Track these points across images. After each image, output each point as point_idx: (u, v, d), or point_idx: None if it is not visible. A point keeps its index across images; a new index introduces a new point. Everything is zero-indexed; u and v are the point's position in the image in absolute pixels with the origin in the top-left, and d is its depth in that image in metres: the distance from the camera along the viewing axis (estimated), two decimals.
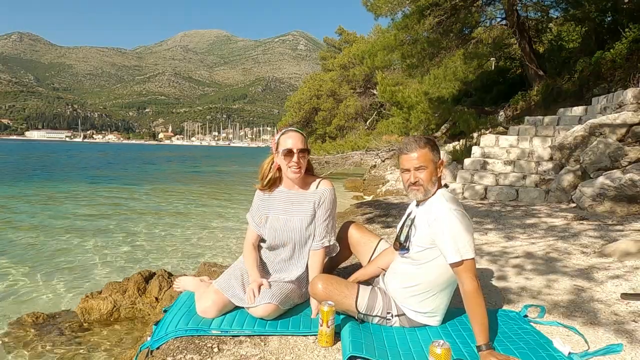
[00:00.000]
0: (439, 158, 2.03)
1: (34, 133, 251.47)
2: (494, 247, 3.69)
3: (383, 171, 15.62)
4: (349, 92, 24.87)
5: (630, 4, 10.63)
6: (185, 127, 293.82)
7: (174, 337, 2.00)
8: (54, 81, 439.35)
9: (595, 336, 2.05)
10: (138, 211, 10.63)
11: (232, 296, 2.19)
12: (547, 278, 2.85)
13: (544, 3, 12.60)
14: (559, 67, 12.30)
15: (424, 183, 1.99)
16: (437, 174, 2.02)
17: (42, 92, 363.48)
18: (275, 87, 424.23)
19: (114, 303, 3.89)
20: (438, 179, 2.03)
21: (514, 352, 1.82)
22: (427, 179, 1.98)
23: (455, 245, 1.83)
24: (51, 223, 8.87)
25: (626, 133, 5.82)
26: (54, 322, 3.81)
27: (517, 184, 6.63)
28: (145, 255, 6.48)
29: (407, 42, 12.27)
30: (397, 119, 15.42)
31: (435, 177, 2.01)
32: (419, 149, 1.98)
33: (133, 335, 3.59)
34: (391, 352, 1.84)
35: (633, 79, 8.46)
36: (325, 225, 2.29)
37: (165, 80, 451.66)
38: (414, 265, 2.03)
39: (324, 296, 2.03)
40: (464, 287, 1.84)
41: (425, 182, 1.99)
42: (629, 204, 4.89)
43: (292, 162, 2.23)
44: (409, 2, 11.39)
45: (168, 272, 4.17)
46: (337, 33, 29.66)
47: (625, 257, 3.14)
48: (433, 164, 2.00)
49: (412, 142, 2.01)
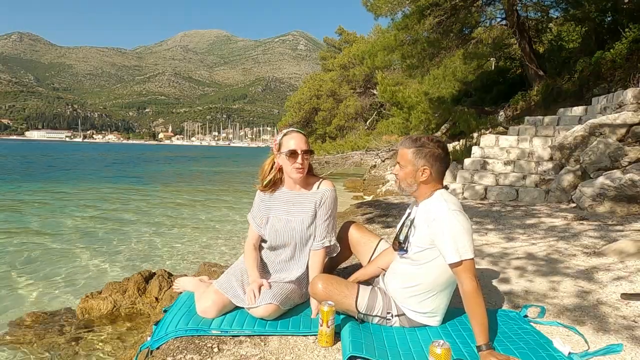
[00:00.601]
0: (423, 164, 1.96)
1: (34, 133, 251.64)
2: (494, 247, 3.69)
3: (383, 171, 15.62)
4: (349, 92, 24.89)
5: (630, 4, 10.63)
6: (185, 127, 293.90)
7: (174, 337, 2.00)
8: (54, 81, 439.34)
9: (595, 336, 2.05)
10: (138, 211, 10.63)
11: (232, 296, 2.19)
12: (547, 278, 2.85)
13: (544, 3, 12.60)
14: (559, 67, 12.31)
15: (399, 180, 2.04)
16: (416, 177, 1.98)
17: (42, 92, 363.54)
18: (275, 87, 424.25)
19: (114, 303, 3.89)
20: (422, 183, 1.99)
21: (514, 352, 1.82)
22: (401, 177, 2.02)
23: (455, 246, 1.83)
24: (51, 223, 8.87)
25: (626, 133, 5.82)
26: (54, 322, 3.81)
27: (517, 184, 6.62)
28: (145, 255, 6.48)
29: (407, 42, 12.27)
30: (397, 119, 15.42)
31: (413, 180, 1.99)
32: (404, 147, 2.02)
33: (133, 335, 3.59)
34: (391, 352, 1.83)
35: (633, 79, 8.47)
36: (326, 225, 2.29)
37: (165, 80, 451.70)
38: (414, 265, 2.03)
39: (324, 296, 2.03)
40: (464, 287, 1.84)
41: (400, 179, 2.03)
42: (629, 204, 4.89)
43: (297, 163, 2.23)
44: (409, 2, 11.38)
45: (168, 272, 4.17)
46: (337, 33, 29.70)
47: (625, 257, 3.14)
48: (412, 167, 1.98)
49: (408, 139, 2.04)
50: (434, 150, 1.97)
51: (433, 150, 1.97)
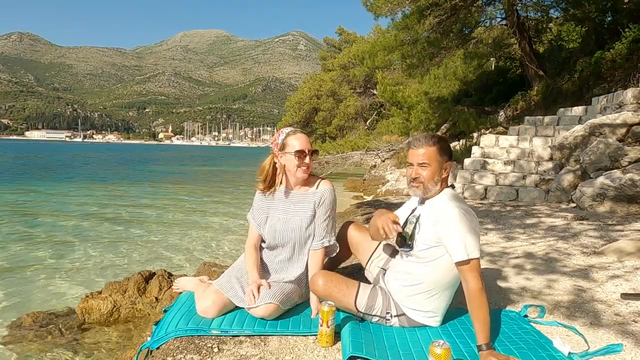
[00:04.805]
0: (446, 159, 2.01)
1: (34, 133, 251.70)
2: (494, 247, 3.69)
3: (383, 171, 15.63)
4: (349, 92, 24.90)
5: (630, 4, 10.63)
6: (185, 127, 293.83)
7: (174, 337, 2.00)
8: (54, 81, 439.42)
9: (595, 336, 2.04)
10: (138, 211, 10.63)
11: (232, 296, 2.19)
12: (547, 278, 2.85)
13: (544, 3, 12.60)
14: (559, 67, 12.31)
15: (425, 180, 1.99)
16: (441, 174, 2.00)
17: (42, 92, 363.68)
18: (275, 87, 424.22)
19: (114, 303, 3.88)
20: (442, 180, 2.02)
21: (514, 352, 1.82)
22: (428, 177, 1.98)
23: (463, 244, 1.84)
24: (52, 222, 8.87)
25: (626, 133, 5.82)
26: (54, 322, 3.80)
27: (517, 184, 6.63)
28: (145, 255, 6.48)
29: (407, 42, 12.27)
30: (397, 119, 15.41)
31: (439, 177, 2.00)
32: (427, 146, 1.98)
33: (133, 335, 3.59)
34: (391, 352, 1.83)
35: (633, 79, 8.48)
36: (325, 225, 2.29)
37: (165, 80, 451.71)
38: (418, 263, 2.03)
39: (324, 292, 2.03)
40: (469, 287, 1.84)
41: (426, 179, 1.99)
42: (629, 204, 4.89)
43: (304, 163, 2.24)
44: (409, 2, 11.38)
45: (168, 272, 4.16)
46: (337, 33, 29.71)
47: (625, 257, 3.14)
48: (437, 164, 1.98)
49: (423, 138, 2.02)
50: (448, 145, 2.05)
51: (448, 145, 2.05)
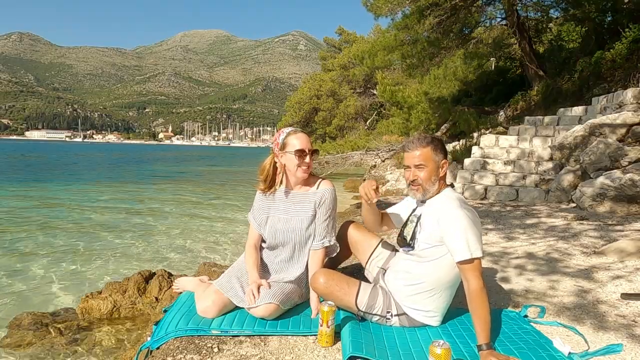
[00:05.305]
0: (442, 158, 2.03)
1: (34, 133, 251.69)
2: (494, 247, 3.69)
3: (383, 171, 15.61)
4: (349, 92, 24.89)
5: (630, 4, 10.63)
6: (185, 127, 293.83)
7: (174, 337, 2.00)
8: (54, 81, 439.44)
9: (595, 336, 2.05)
10: (138, 210, 10.63)
11: (232, 296, 2.19)
12: (547, 278, 2.85)
13: (544, 3, 12.60)
14: (559, 67, 12.31)
15: (422, 182, 2.01)
16: (438, 173, 2.02)
17: (42, 92, 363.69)
18: (275, 87, 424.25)
19: (114, 303, 3.88)
20: (440, 179, 2.04)
21: (514, 352, 1.82)
22: (426, 177, 2.01)
23: (466, 243, 1.84)
24: (52, 222, 8.87)
25: (626, 133, 5.82)
26: (54, 322, 3.80)
27: (517, 184, 6.62)
28: (145, 255, 6.48)
29: (407, 42, 12.27)
30: (397, 119, 15.42)
31: (436, 177, 2.02)
32: (421, 147, 2.00)
33: (133, 335, 3.59)
34: (391, 352, 1.83)
35: (633, 79, 8.48)
36: (325, 225, 2.29)
37: (165, 80, 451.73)
38: (419, 262, 2.03)
39: (325, 290, 2.03)
40: (470, 286, 1.84)
41: (423, 180, 2.01)
42: (629, 204, 4.89)
43: (304, 163, 2.24)
44: (409, 2, 11.39)
45: (168, 272, 4.16)
46: (337, 33, 29.70)
47: (625, 257, 3.14)
48: (434, 163, 2.01)
49: (416, 140, 2.04)
50: (442, 144, 2.07)
51: (442, 144, 2.07)
